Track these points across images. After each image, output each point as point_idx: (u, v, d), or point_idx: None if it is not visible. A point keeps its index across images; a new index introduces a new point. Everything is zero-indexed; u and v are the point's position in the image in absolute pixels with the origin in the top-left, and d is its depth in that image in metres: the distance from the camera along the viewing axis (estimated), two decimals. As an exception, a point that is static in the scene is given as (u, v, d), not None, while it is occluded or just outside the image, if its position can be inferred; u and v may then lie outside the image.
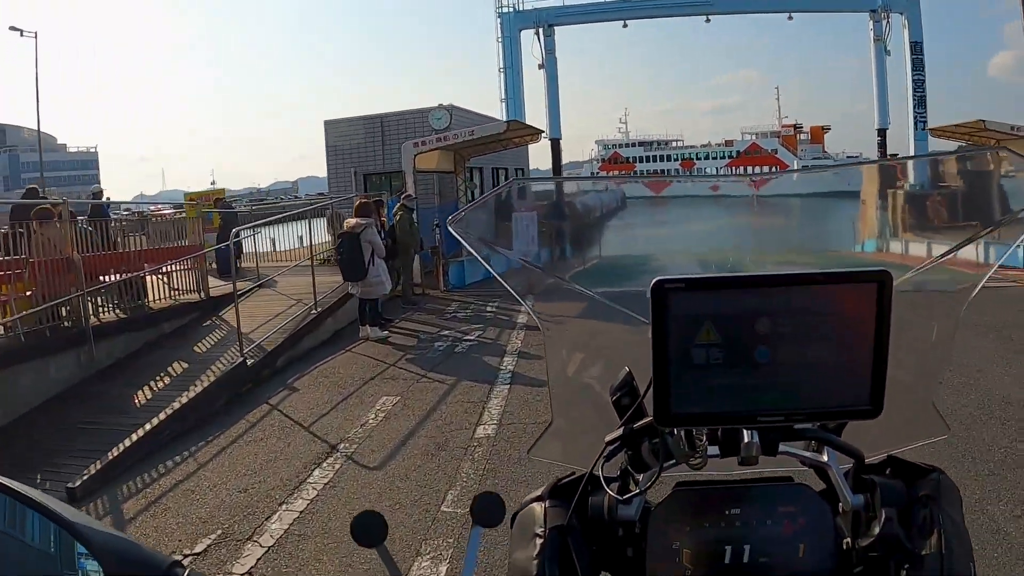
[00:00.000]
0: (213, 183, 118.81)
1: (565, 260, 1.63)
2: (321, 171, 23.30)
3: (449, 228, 1.38)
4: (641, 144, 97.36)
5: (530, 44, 31.30)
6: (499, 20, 31.55)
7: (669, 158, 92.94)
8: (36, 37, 36.16)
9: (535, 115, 28.63)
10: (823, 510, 1.05)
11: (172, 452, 6.33)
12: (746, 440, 1.01)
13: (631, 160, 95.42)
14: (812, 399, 0.97)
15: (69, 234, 8.62)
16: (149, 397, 7.58)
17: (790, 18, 31.70)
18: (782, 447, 1.05)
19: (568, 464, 1.22)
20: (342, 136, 21.16)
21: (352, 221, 10.65)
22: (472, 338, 10.59)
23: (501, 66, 31.17)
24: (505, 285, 1.39)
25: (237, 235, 12.87)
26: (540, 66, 31.10)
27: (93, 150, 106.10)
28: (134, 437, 6.32)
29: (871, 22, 30.82)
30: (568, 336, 1.49)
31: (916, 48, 31.02)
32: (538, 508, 1.12)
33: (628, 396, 1.13)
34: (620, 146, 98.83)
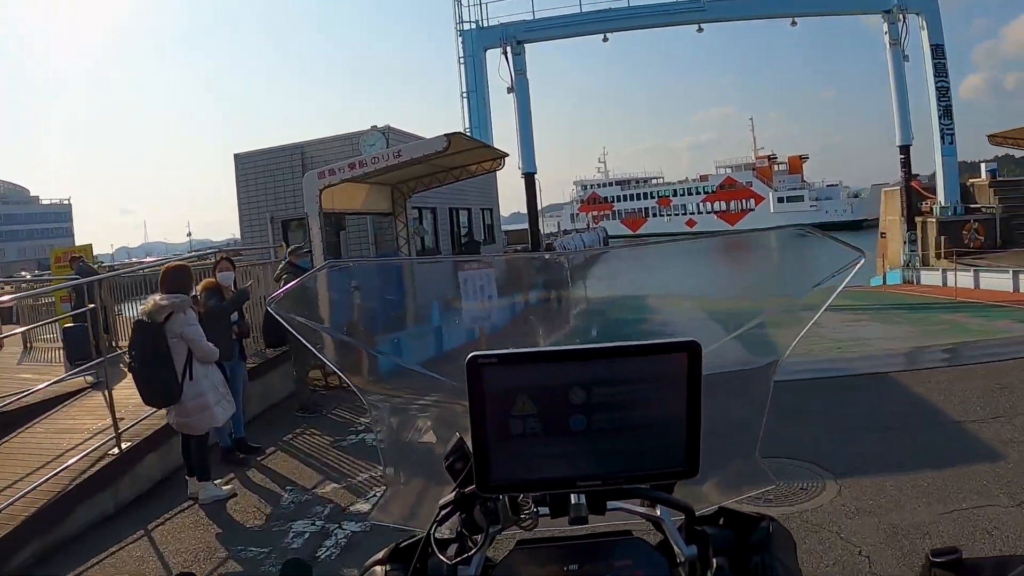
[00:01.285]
0: (189, 235, 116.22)
1: (387, 333, 1.66)
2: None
3: (269, 309, 1.39)
4: (618, 183, 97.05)
5: (497, 66, 27.18)
6: (459, 39, 27.45)
7: (646, 196, 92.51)
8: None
9: (506, 147, 24.46)
10: (659, 562, 1.10)
11: None
12: (573, 501, 1.06)
13: (609, 200, 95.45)
14: (629, 464, 1.02)
15: None
16: None
17: (794, 23, 27.74)
18: (615, 504, 1.11)
19: (407, 527, 1.26)
20: (256, 173, 16.62)
21: (152, 301, 6.01)
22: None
23: (464, 91, 26.95)
24: (326, 361, 1.43)
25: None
26: (509, 90, 26.84)
27: (67, 202, 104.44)
28: None
29: (885, 24, 26.90)
30: (397, 405, 1.51)
31: (937, 51, 27.18)
32: (379, 571, 1.14)
33: (460, 461, 1.14)
34: (598, 186, 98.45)
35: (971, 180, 31.00)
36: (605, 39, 27.23)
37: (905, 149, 27.32)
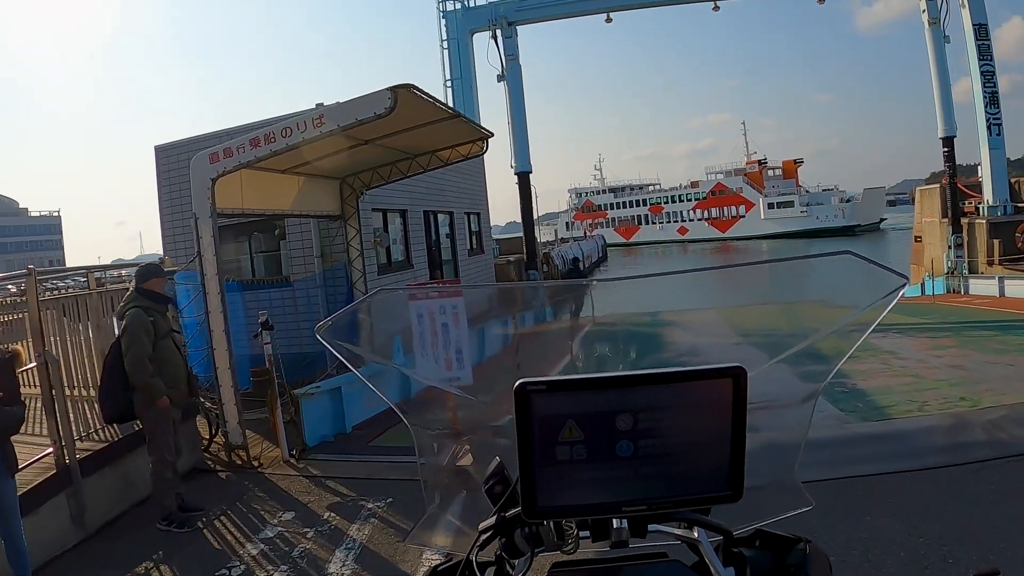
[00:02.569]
0: (141, 248, 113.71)
1: (430, 362, 1.89)
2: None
3: (318, 336, 1.38)
4: (611, 191, 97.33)
5: (486, 52, 23.87)
6: (443, 21, 24.17)
7: (639, 203, 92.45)
8: None
9: (498, 146, 21.05)
10: None
11: None
12: (615, 526, 1.09)
13: (603, 207, 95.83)
14: (674, 488, 1.04)
15: None
16: None
17: (820, 1, 24.47)
18: (653, 527, 1.13)
19: (445, 550, 1.34)
20: (180, 168, 13.22)
21: None
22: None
23: (447, 78, 23.65)
24: (372, 388, 1.46)
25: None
26: (500, 77, 23.55)
27: (56, 214, 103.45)
28: None
29: (923, 2, 23.69)
30: (438, 429, 1.52)
31: (981, 32, 23.92)
32: None
33: (500, 485, 1.15)
34: (592, 193, 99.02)
35: (1015, 178, 27.80)
36: (608, 19, 23.96)
37: (948, 141, 24.18)
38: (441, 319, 5.75)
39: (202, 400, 8.40)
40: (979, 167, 25.06)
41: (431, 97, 6.88)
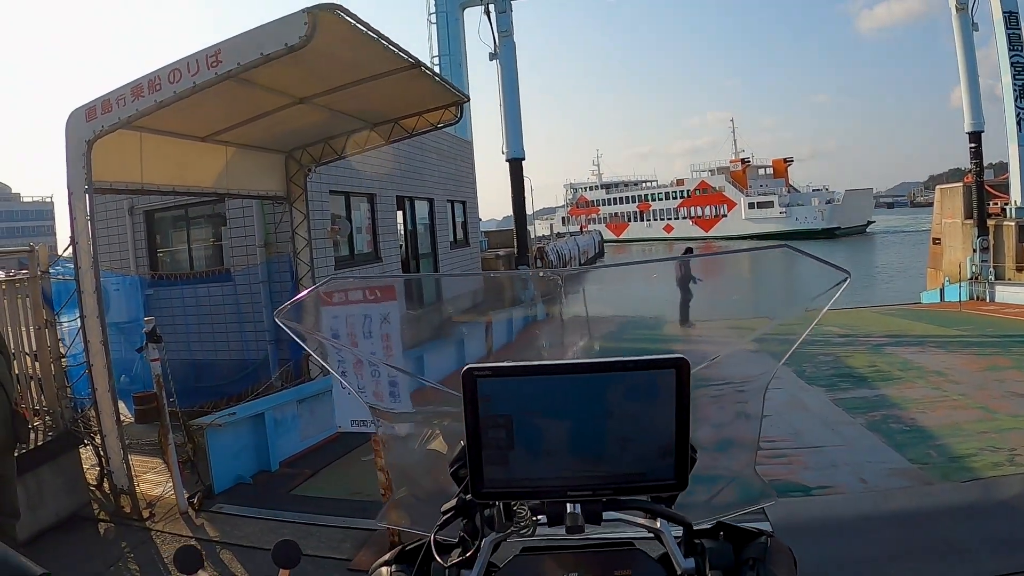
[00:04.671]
0: None
1: (394, 348, 1.88)
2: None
3: (277, 321, 1.37)
4: (603, 187, 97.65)
5: (477, 28, 21.83)
6: (432, -6, 22.19)
7: (630, 200, 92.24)
8: None
9: (489, 131, 18.89)
10: (657, 573, 1.13)
11: None
12: (569, 511, 1.10)
13: (596, 203, 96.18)
14: (619, 475, 1.08)
15: None
16: None
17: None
18: (615, 515, 1.14)
19: (413, 530, 1.30)
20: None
21: None
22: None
23: (435, 54, 21.69)
24: (331, 371, 1.56)
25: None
26: (492, 55, 21.55)
27: (49, 200, 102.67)
28: None
29: (950, -16, 21.85)
30: (403, 415, 1.62)
31: (1011, 20, 22.14)
32: (385, 571, 1.19)
33: (464, 468, 1.16)
34: (586, 188, 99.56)
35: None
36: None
37: (976, 137, 22.39)
38: (366, 341, 3.85)
39: (87, 428, 6.58)
40: (1006, 166, 23.38)
41: (369, 28, 4.97)
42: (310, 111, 7.10)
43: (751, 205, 76.30)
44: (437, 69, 21.26)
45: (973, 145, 22.39)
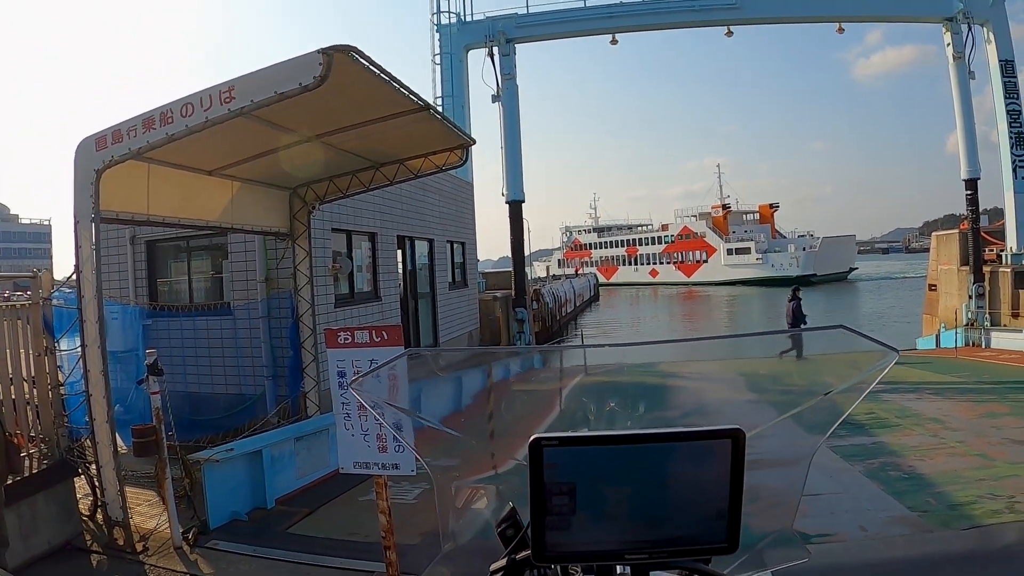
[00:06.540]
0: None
1: (455, 416, 1.72)
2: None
3: (353, 391, 1.56)
4: (596, 230, 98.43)
5: (480, 70, 22.22)
6: (437, 36, 22.66)
7: (618, 244, 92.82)
8: None
9: (484, 170, 19.19)
10: None
11: None
12: (619, 572, 1.19)
13: (588, 246, 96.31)
14: (674, 539, 1.12)
15: None
16: None
17: (840, 30, 23.01)
18: (655, 574, 1.19)
19: None
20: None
21: None
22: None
23: (439, 94, 22.03)
24: (401, 438, 1.78)
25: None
26: (495, 98, 21.91)
27: (47, 223, 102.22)
28: None
29: (948, 35, 22.39)
30: (456, 475, 1.58)
31: (1007, 68, 22.66)
32: None
33: (512, 528, 1.24)
34: (581, 232, 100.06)
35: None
36: (614, 41, 22.43)
37: (972, 184, 22.60)
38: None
39: (82, 457, 6.55)
40: (1002, 212, 23.58)
41: (382, 71, 5.10)
42: (317, 149, 7.22)
43: (729, 251, 76.61)
44: (441, 110, 21.61)
45: (969, 192, 22.63)
